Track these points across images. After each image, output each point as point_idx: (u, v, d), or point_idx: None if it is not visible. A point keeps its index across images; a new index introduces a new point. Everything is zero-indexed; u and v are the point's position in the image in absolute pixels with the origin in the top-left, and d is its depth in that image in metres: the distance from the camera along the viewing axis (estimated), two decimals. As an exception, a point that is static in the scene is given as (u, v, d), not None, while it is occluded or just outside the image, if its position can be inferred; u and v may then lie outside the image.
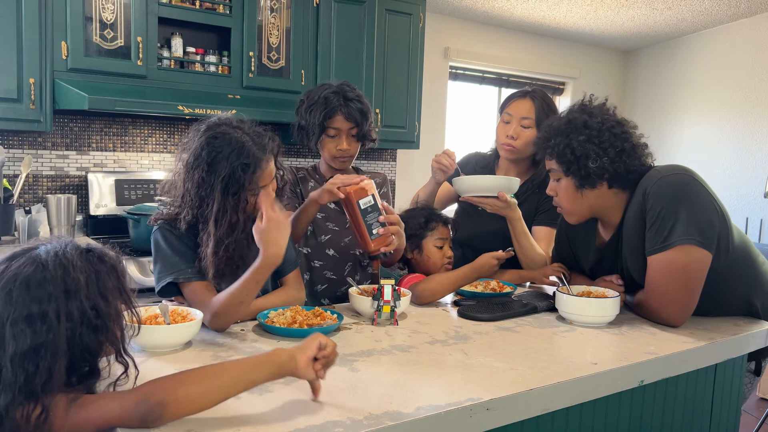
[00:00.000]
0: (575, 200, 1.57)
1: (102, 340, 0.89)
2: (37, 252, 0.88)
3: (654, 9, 4.19)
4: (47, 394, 0.82)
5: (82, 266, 0.87)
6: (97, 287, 0.88)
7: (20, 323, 0.82)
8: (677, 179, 1.48)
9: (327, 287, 1.85)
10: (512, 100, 1.99)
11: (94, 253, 0.92)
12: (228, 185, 1.34)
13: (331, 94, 1.76)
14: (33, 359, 0.81)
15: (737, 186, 4.47)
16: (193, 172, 1.35)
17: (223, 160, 1.33)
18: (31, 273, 0.84)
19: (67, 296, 0.84)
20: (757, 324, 1.55)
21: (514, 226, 1.80)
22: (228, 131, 1.37)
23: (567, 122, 1.55)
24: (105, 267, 0.91)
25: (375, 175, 1.98)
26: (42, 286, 0.84)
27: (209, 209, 1.35)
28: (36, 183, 2.91)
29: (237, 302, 1.32)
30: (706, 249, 1.43)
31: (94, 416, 0.86)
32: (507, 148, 1.97)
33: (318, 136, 1.78)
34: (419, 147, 3.86)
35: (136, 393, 0.88)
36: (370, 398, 1.00)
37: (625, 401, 1.30)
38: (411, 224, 1.82)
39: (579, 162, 1.51)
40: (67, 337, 0.84)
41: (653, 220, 1.46)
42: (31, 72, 2.54)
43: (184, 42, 2.98)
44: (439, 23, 4.29)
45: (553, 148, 1.55)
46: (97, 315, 0.86)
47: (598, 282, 1.65)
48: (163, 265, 1.40)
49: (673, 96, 4.94)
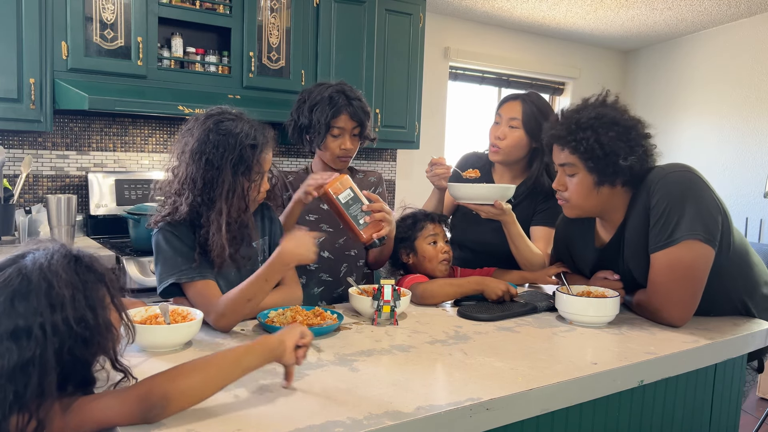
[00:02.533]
0: (589, 197, 1.54)
1: (93, 351, 0.87)
2: (24, 262, 0.85)
3: (654, 9, 4.19)
4: (41, 408, 0.80)
5: (68, 278, 0.85)
6: (85, 299, 0.85)
7: (5, 340, 0.79)
8: (682, 176, 1.48)
9: (323, 289, 1.84)
10: (505, 102, 2.00)
11: (82, 261, 0.89)
12: (237, 165, 1.38)
13: (335, 93, 1.76)
14: (21, 377, 0.79)
15: (737, 186, 4.47)
16: (200, 156, 1.37)
17: (231, 141, 1.38)
18: (16, 287, 0.82)
19: (53, 310, 0.82)
20: (757, 324, 1.55)
21: (510, 230, 1.80)
22: (231, 117, 1.43)
23: (596, 117, 1.49)
24: (93, 276, 0.88)
25: (370, 174, 1.98)
26: (26, 299, 0.81)
27: (218, 190, 1.37)
28: (36, 183, 2.91)
29: (245, 300, 1.33)
30: (710, 245, 1.43)
31: (94, 416, 0.85)
32: (492, 149, 1.98)
33: (323, 135, 1.77)
34: (419, 147, 3.86)
35: (137, 390, 0.88)
36: (370, 398, 1.00)
37: (625, 401, 1.30)
38: (400, 229, 1.82)
39: (608, 159, 1.47)
40: (55, 351, 0.81)
41: (658, 217, 1.45)
42: (31, 72, 2.54)
43: (184, 42, 2.98)
44: (439, 23, 4.29)
45: (579, 141, 1.49)
46: (85, 327, 0.84)
47: (594, 280, 1.65)
48: (165, 267, 1.40)
49: (672, 96, 4.95)
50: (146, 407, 0.86)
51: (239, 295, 1.33)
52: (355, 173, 1.96)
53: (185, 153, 1.40)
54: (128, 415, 0.86)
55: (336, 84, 1.80)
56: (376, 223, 1.59)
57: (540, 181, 1.95)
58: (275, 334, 1.04)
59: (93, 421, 0.85)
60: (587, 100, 1.57)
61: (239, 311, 1.33)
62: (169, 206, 1.42)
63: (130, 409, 0.86)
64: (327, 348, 1.26)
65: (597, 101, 1.56)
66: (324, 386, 1.05)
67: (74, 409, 0.84)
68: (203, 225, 1.40)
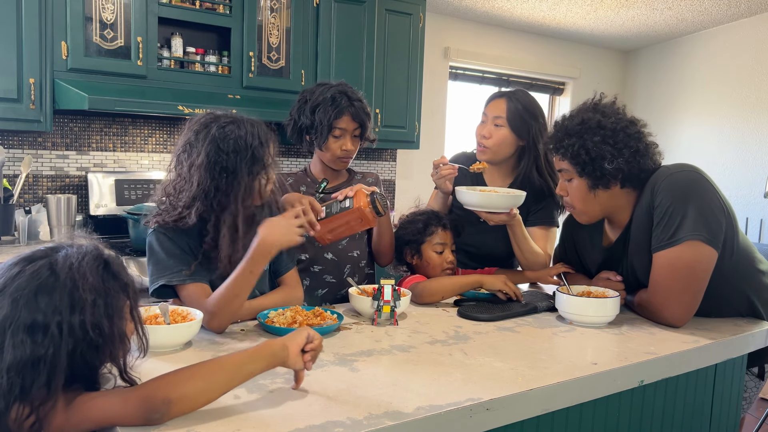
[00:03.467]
0: (588, 200, 1.56)
1: (102, 359, 0.88)
2: (56, 257, 0.86)
3: (654, 9, 4.19)
4: (43, 406, 0.80)
5: (93, 282, 0.85)
6: (105, 306, 0.86)
7: (21, 332, 0.80)
8: (687, 176, 1.47)
9: (327, 291, 1.84)
10: (490, 101, 1.98)
11: (110, 268, 0.90)
12: (252, 165, 1.38)
13: (337, 94, 1.75)
14: (30, 372, 0.79)
15: (737, 186, 4.47)
16: (215, 166, 1.36)
17: (242, 144, 1.37)
18: (43, 281, 0.83)
19: (72, 311, 0.83)
20: (757, 324, 1.55)
21: (515, 231, 1.79)
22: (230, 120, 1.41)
23: (581, 122, 1.52)
24: (117, 285, 0.89)
25: (368, 176, 1.97)
26: (50, 295, 0.82)
27: (234, 192, 1.37)
28: (36, 183, 2.91)
29: (233, 295, 1.32)
30: (712, 246, 1.42)
31: (94, 414, 0.85)
32: (479, 149, 1.95)
33: (325, 136, 1.76)
34: (419, 147, 3.86)
35: (139, 392, 0.88)
36: (370, 398, 1.00)
37: (625, 401, 1.30)
38: (410, 230, 1.82)
39: (594, 163, 1.49)
40: (68, 352, 0.82)
41: (661, 216, 1.45)
42: (31, 72, 2.54)
43: (184, 42, 2.98)
44: (439, 23, 4.29)
45: (566, 148, 1.52)
46: (99, 334, 0.85)
47: (596, 280, 1.64)
48: (155, 268, 1.39)
49: (672, 96, 4.94)
50: (148, 410, 0.86)
51: (225, 292, 1.32)
52: (354, 174, 1.95)
53: (193, 167, 1.37)
54: (129, 417, 0.87)
55: (337, 84, 1.79)
56: (358, 195, 1.55)
57: (530, 178, 1.92)
58: (280, 338, 1.03)
59: (93, 419, 0.85)
60: (582, 105, 1.58)
61: (228, 308, 1.33)
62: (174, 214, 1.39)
63: (131, 411, 0.86)
64: (327, 348, 1.26)
65: (586, 106, 1.57)
66: (324, 386, 1.05)
67: (76, 405, 0.84)
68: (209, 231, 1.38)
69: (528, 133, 1.90)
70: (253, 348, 1.00)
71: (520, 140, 1.92)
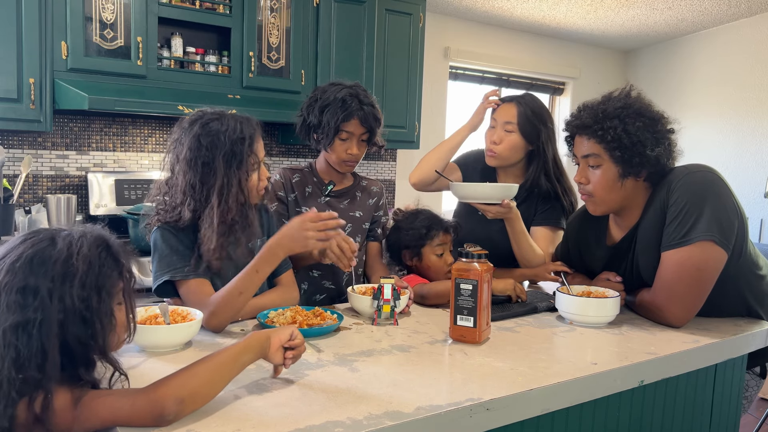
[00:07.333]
0: (613, 189, 1.52)
1: (90, 333, 0.88)
2: (61, 233, 0.89)
3: (654, 9, 4.19)
4: (47, 378, 0.81)
5: (88, 254, 0.87)
6: (96, 280, 0.87)
7: (14, 293, 0.82)
8: (704, 176, 1.47)
9: (326, 296, 1.84)
10: (499, 105, 1.98)
11: (111, 248, 0.92)
12: (230, 160, 1.39)
13: (348, 96, 1.72)
14: (23, 334, 0.81)
15: (737, 186, 4.41)
16: (195, 161, 1.38)
17: (222, 138, 1.39)
18: (41, 248, 0.86)
19: (64, 279, 0.85)
20: (757, 324, 1.55)
21: (513, 227, 1.80)
22: (215, 116, 1.43)
23: (623, 107, 1.49)
24: (112, 263, 0.91)
25: (373, 184, 1.96)
26: (44, 263, 0.85)
27: (213, 185, 1.38)
28: (36, 183, 2.91)
29: (237, 293, 1.33)
30: (723, 248, 1.42)
31: (102, 413, 0.86)
32: (489, 155, 1.95)
33: (331, 138, 1.74)
34: (419, 147, 3.86)
35: (148, 395, 0.88)
36: (370, 398, 1.00)
37: (625, 401, 1.30)
38: (411, 232, 1.80)
39: (635, 148, 1.46)
40: (58, 320, 0.83)
41: (675, 215, 1.44)
42: (31, 72, 2.54)
43: (184, 42, 2.98)
44: (439, 23, 4.29)
45: (606, 130, 1.48)
46: (86, 307, 0.86)
47: (596, 281, 1.64)
48: (160, 264, 1.40)
49: (673, 96, 4.94)
50: (160, 413, 0.87)
51: (230, 289, 1.34)
52: (359, 180, 1.94)
53: (180, 162, 1.41)
54: (138, 418, 0.87)
55: (351, 86, 1.76)
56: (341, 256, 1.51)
57: (538, 183, 1.93)
58: (266, 330, 1.06)
59: (101, 417, 0.86)
60: (611, 94, 1.56)
61: (231, 306, 1.33)
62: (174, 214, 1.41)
63: (140, 413, 0.87)
64: (327, 348, 1.26)
65: (622, 94, 1.54)
66: (324, 386, 1.05)
67: (84, 402, 0.85)
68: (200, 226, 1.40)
69: (538, 138, 1.90)
70: (244, 340, 1.02)
71: (530, 145, 1.92)
